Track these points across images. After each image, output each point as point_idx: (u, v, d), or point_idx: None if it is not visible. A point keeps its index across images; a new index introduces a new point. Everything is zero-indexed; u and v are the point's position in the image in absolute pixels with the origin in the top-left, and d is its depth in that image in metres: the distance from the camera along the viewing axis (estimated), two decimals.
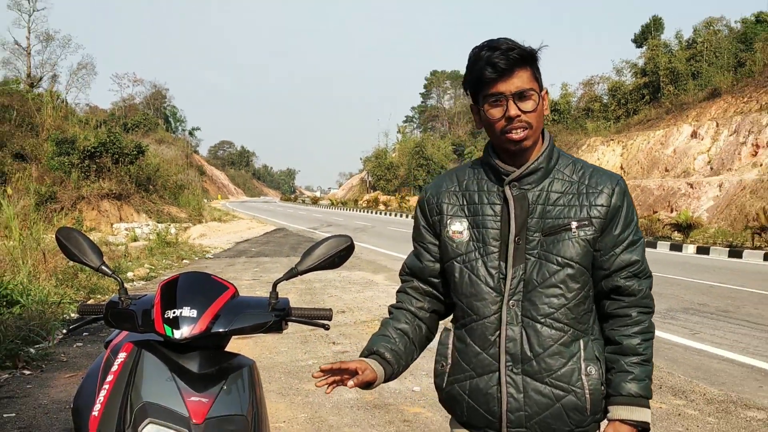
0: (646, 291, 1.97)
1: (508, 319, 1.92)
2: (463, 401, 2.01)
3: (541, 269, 1.91)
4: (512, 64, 1.89)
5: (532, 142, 1.95)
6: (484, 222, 1.98)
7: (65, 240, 2.28)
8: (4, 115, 34.65)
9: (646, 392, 1.92)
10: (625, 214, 1.96)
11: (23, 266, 10.06)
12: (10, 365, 6.44)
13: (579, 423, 1.92)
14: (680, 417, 5.33)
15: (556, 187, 1.97)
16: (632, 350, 1.93)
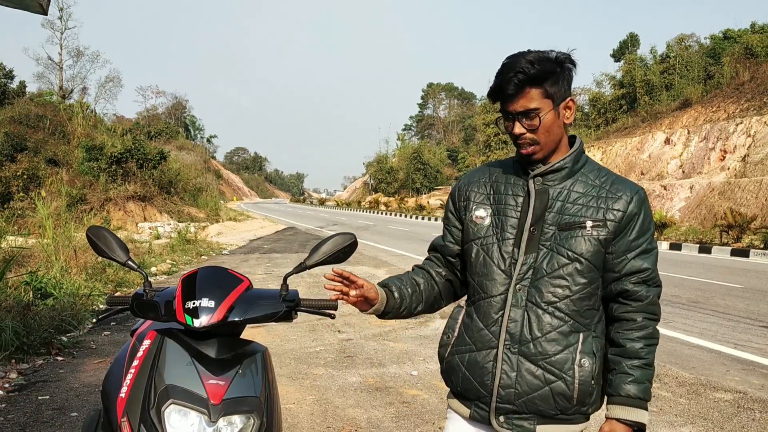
0: (653, 298, 1.92)
1: (513, 302, 1.91)
2: (459, 372, 2.00)
3: (551, 260, 1.90)
4: (519, 87, 1.87)
5: (543, 154, 1.94)
6: (506, 210, 1.98)
7: (95, 237, 2.29)
8: (38, 124, 34.65)
9: (645, 395, 1.88)
10: (641, 222, 1.91)
11: (56, 262, 10.07)
12: (45, 352, 6.44)
13: (564, 410, 1.90)
14: (654, 398, 5.33)
15: (578, 188, 1.95)
16: (635, 353, 1.88)
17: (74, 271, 10.31)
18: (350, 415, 4.87)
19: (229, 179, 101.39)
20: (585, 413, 1.93)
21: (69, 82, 50.18)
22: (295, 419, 4.75)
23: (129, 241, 18.45)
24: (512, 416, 1.92)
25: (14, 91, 40.81)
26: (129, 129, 44.66)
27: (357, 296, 1.98)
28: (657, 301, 1.94)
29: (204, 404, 1.94)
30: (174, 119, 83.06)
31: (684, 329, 7.97)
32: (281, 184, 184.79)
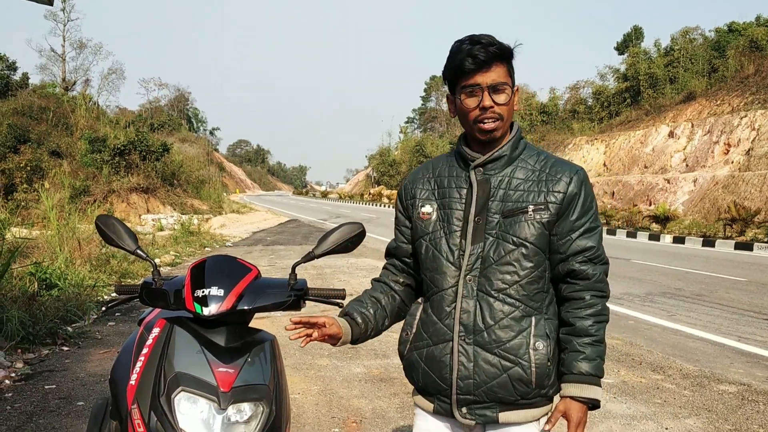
0: (600, 276, 1.92)
1: (464, 293, 1.92)
2: (419, 368, 2.01)
3: (498, 248, 1.91)
4: (491, 58, 1.88)
5: (501, 133, 1.95)
6: (451, 204, 1.99)
7: (104, 226, 2.29)
8: (41, 116, 34.66)
9: (597, 371, 1.88)
10: (582, 202, 1.93)
11: (60, 253, 10.08)
12: (50, 342, 6.47)
13: (524, 394, 1.90)
14: (658, 390, 5.34)
15: (519, 175, 1.96)
16: (584, 331, 1.89)
17: (78, 262, 10.34)
18: (355, 405, 4.88)
19: (232, 171, 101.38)
20: (546, 395, 1.94)
21: (72, 74, 50.21)
22: (300, 409, 4.77)
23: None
24: (474, 406, 1.93)
25: (17, 82, 40.83)
26: (132, 121, 44.67)
27: (320, 336, 1.99)
28: (604, 278, 1.95)
29: (214, 392, 1.94)
30: (177, 111, 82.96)
31: (688, 322, 7.97)
32: (284, 176, 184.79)
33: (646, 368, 5.96)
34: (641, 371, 5.86)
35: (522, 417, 1.92)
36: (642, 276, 12.06)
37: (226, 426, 1.93)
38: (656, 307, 8.91)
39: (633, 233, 23.60)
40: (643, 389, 5.35)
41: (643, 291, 10.28)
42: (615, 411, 4.83)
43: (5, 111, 33.87)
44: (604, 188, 34.70)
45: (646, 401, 5.05)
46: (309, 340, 1.98)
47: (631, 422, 4.61)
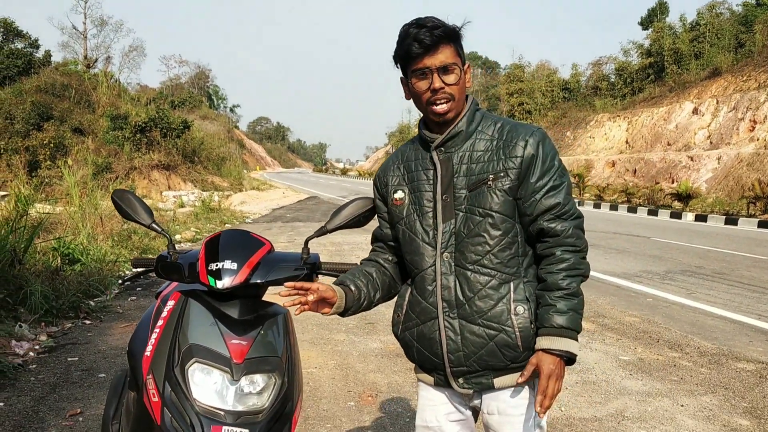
0: (569, 231, 1.94)
1: (442, 270, 1.97)
2: (413, 346, 2.08)
3: (467, 222, 1.95)
4: (437, 40, 1.91)
5: (455, 113, 1.99)
6: (420, 186, 2.04)
7: (120, 200, 2.32)
8: (64, 93, 34.94)
9: (571, 324, 1.89)
10: (541, 162, 1.94)
11: (83, 229, 10.22)
12: (73, 316, 6.59)
13: (514, 359, 1.95)
14: (675, 367, 5.32)
15: (479, 147, 1.99)
16: (555, 285, 1.91)
17: (101, 237, 10.47)
18: (371, 379, 4.93)
19: (252, 149, 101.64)
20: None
21: (93, 52, 50.39)
22: (317, 383, 4.82)
23: (154, 209, 18.67)
24: (469, 376, 2.00)
25: (40, 60, 41.10)
26: (153, 98, 44.88)
27: (315, 299, 1.98)
28: (576, 232, 1.95)
29: (227, 363, 1.97)
30: (197, 89, 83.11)
31: (707, 300, 7.91)
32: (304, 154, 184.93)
33: (664, 346, 5.94)
34: (658, 349, 5.84)
35: (516, 380, 1.97)
36: (662, 254, 11.96)
37: (239, 397, 1.97)
38: (675, 285, 8.85)
39: (654, 211, 23.38)
40: (659, 366, 5.34)
41: (662, 269, 10.21)
42: (630, 388, 4.83)
43: (28, 89, 34.20)
44: (626, 165, 34.33)
45: (663, 378, 5.05)
46: (303, 309, 1.97)
47: (646, 399, 4.61)
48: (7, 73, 38.07)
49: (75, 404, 4.30)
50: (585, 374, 5.11)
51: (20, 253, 6.64)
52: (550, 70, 53.74)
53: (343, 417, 4.20)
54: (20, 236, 6.98)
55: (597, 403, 4.51)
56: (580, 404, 4.49)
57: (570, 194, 1.99)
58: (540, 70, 54.15)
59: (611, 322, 6.76)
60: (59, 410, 4.19)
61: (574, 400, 4.56)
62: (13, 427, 3.91)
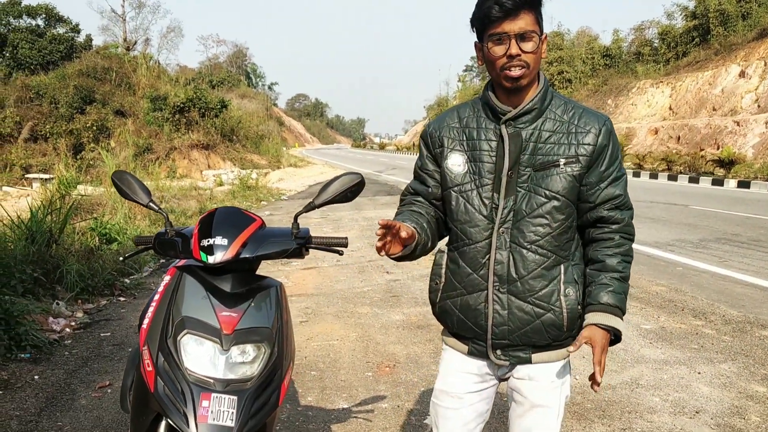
0: (627, 220, 2.01)
1: (497, 245, 1.99)
2: (454, 315, 2.10)
3: (530, 201, 1.96)
4: (518, 5, 1.87)
5: (528, 81, 1.95)
6: (481, 156, 2.02)
7: (119, 181, 2.43)
8: (105, 76, 35.65)
9: (621, 304, 1.96)
10: (610, 153, 1.98)
11: (120, 209, 10.54)
12: (109, 293, 6.84)
13: (556, 337, 2.01)
14: (697, 336, 5.30)
15: (548, 127, 1.99)
16: (612, 267, 1.97)
17: (138, 217, 10.78)
18: (390, 351, 5.03)
19: (291, 126, 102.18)
20: (575, 336, 2.03)
21: (132, 34, 51.22)
22: (337, 354, 4.95)
23: (193, 188, 19.04)
24: (508, 349, 2.05)
25: (81, 44, 41.96)
26: (192, 78, 45.44)
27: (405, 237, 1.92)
28: (630, 222, 2.03)
29: (217, 334, 2.08)
30: (235, 68, 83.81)
31: (739, 268, 7.79)
32: (342, 129, 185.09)
33: (688, 314, 5.90)
34: (682, 317, 5.81)
35: (553, 357, 2.05)
36: (698, 222, 11.77)
37: (231, 366, 2.08)
38: (708, 254, 8.72)
39: (695, 179, 22.91)
40: (681, 335, 5.32)
41: (696, 237, 10.06)
42: (648, 356, 4.84)
43: (71, 73, 34.98)
44: (669, 133, 33.56)
45: (683, 347, 5.04)
46: (386, 251, 1.92)
47: (662, 367, 4.62)
48: (50, 59, 38.99)
49: (105, 377, 4.51)
50: None
51: (56, 233, 6.90)
52: (591, 36, 52.57)
53: (359, 387, 4.32)
54: (57, 218, 7.25)
55: (612, 372, 4.54)
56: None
57: (627, 186, 2.05)
58: (580, 37, 53.04)
59: (637, 292, 6.73)
60: (90, 383, 4.41)
61: (590, 368, 4.57)
62: (47, 398, 4.14)
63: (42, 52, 39.05)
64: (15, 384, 4.33)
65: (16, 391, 4.23)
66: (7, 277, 5.61)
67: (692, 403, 4.01)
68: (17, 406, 3.99)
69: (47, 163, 29.51)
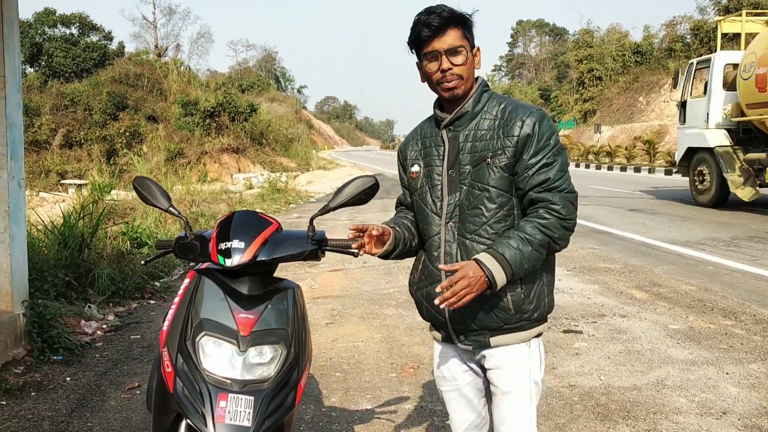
0: (557, 198, 2.05)
1: (447, 238, 2.18)
2: (423, 305, 2.30)
3: (468, 195, 2.15)
4: (444, 24, 2.09)
5: (464, 90, 2.15)
6: (432, 161, 2.25)
7: (140, 187, 2.49)
8: (137, 83, 36.27)
9: (511, 259, 2.00)
10: (536, 141, 2.08)
11: (151, 213, 10.72)
12: (139, 296, 6.97)
13: (506, 320, 2.13)
14: (726, 336, 5.22)
15: (483, 126, 2.16)
16: (521, 228, 2.06)
17: (169, 221, 10.96)
18: (414, 352, 5.05)
19: (320, 129, 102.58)
20: (529, 319, 2.15)
21: (163, 40, 52.06)
22: (361, 356, 4.98)
23: (223, 192, 19.26)
24: (468, 334, 2.20)
25: (114, 52, 42.75)
26: (222, 83, 45.95)
27: (377, 235, 2.20)
28: (565, 203, 2.06)
29: (234, 335, 2.13)
30: (265, 71, 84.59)
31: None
32: (371, 131, 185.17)
33: (717, 314, 5.81)
34: (711, 317, 5.72)
35: (511, 339, 2.17)
36: (731, 220, 11.56)
37: (248, 367, 2.12)
38: (740, 252, 8.57)
39: None
40: (710, 335, 5.25)
41: (729, 235, 9.89)
42: (675, 356, 4.78)
43: (104, 80, 35.69)
44: None
45: (711, 347, 4.97)
46: (365, 251, 2.20)
47: (690, 367, 4.56)
48: (84, 66, 39.79)
49: (134, 378, 4.60)
50: (630, 343, 5.08)
51: (88, 238, 7.04)
52: (621, 33, 51.95)
53: (383, 388, 4.35)
54: (89, 223, 7.40)
55: (638, 372, 4.50)
56: (621, 373, 4.48)
57: (563, 171, 2.11)
58: (610, 35, 52.43)
59: (665, 291, 6.65)
60: (119, 384, 4.50)
61: (615, 369, 4.55)
62: (78, 399, 4.24)
63: (76, 60, 39.88)
64: (47, 386, 4.44)
65: (49, 392, 4.34)
66: (40, 281, 5.74)
67: (719, 404, 3.95)
68: (49, 407, 4.09)
69: (82, 168, 30.14)
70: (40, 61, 40.60)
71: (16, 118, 4.97)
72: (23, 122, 5.12)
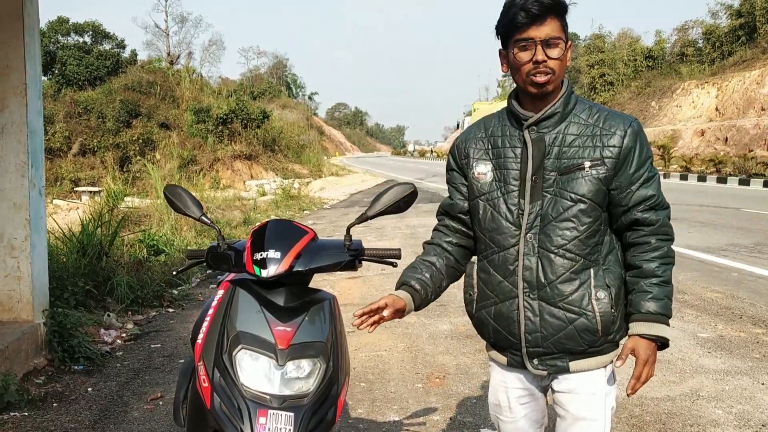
0: (663, 220, 1.96)
1: (525, 251, 1.97)
2: (489, 325, 2.09)
3: (556, 205, 1.95)
4: (545, 11, 1.88)
5: (553, 87, 1.95)
6: (506, 164, 2.03)
7: (171, 195, 2.42)
8: (150, 90, 36.35)
9: (665, 310, 1.92)
10: (638, 154, 1.94)
11: (167, 221, 10.68)
12: (157, 304, 6.91)
13: (591, 343, 1.97)
14: (758, 344, 5.10)
15: (572, 130, 1.97)
16: (651, 272, 1.93)
17: (184, 228, 10.90)
18: (439, 361, 4.96)
19: (331, 135, 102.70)
20: (613, 341, 2.01)
21: (176, 48, 52.23)
22: (385, 366, 4.89)
23: (236, 198, 19.22)
24: (544, 358, 2.01)
25: (127, 60, 42.85)
26: (234, 90, 46.02)
27: (390, 315, 2.07)
28: (667, 222, 1.98)
29: (272, 349, 2.04)
30: (276, 78, 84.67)
31: None
32: (382, 137, 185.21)
33: (747, 322, 5.69)
34: (741, 325, 5.60)
35: (592, 364, 2.00)
36: (752, 225, 11.41)
37: (286, 381, 2.04)
38: (765, 258, 8.43)
39: (746, 181, 22.26)
40: (741, 344, 5.13)
41: (751, 241, 9.74)
42: (708, 366, 4.67)
43: (117, 88, 35.77)
44: (716, 134, 32.77)
45: (743, 356, 4.85)
46: (377, 326, 2.06)
47: (724, 378, 4.45)
48: (97, 74, 39.91)
49: (156, 389, 4.53)
50: (660, 353, 4.95)
51: (106, 246, 7.00)
52: (632, 38, 51.72)
53: (410, 399, 4.26)
54: (107, 230, 7.36)
55: (671, 383, 4.38)
56: (652, 383, 4.35)
57: (660, 185, 2.01)
58: (621, 39, 52.20)
59: (691, 299, 6.52)
60: (142, 394, 4.43)
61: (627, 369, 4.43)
62: (100, 410, 4.17)
63: (89, 68, 40.01)
64: (69, 396, 4.38)
65: (71, 403, 4.27)
66: (60, 289, 5.69)
67: (758, 416, 3.84)
68: (72, 419, 4.03)
69: (95, 176, 30.21)
70: (54, 70, 40.76)
71: (37, 126, 4.93)
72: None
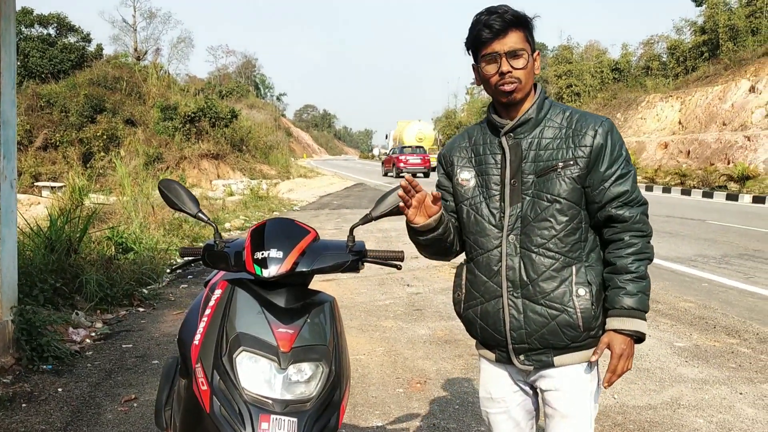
0: (637, 216, 2.02)
1: (508, 251, 2.07)
2: (476, 323, 2.17)
3: (534, 206, 2.04)
4: (506, 25, 2.00)
5: (522, 95, 2.06)
6: (487, 170, 2.13)
7: (166, 190, 2.33)
8: (115, 86, 35.72)
9: (640, 305, 1.99)
10: (609, 152, 2.01)
11: (135, 218, 10.45)
12: (127, 303, 6.74)
13: (574, 338, 2.04)
14: (733, 354, 5.16)
15: (547, 134, 2.07)
16: (625, 269, 2.00)
17: (153, 226, 10.69)
18: (419, 366, 4.91)
19: (299, 137, 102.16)
20: (596, 336, 2.06)
21: (143, 44, 51.45)
22: (365, 370, 4.83)
23: (204, 198, 18.97)
24: (530, 353, 2.09)
25: (92, 54, 42.05)
26: (201, 89, 45.48)
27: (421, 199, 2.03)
28: (642, 218, 2.04)
29: (274, 352, 1.97)
30: (244, 78, 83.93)
31: (767, 284, 7.64)
32: (350, 141, 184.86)
33: (721, 332, 5.76)
34: (715, 335, 5.67)
35: (576, 359, 2.07)
36: (718, 237, 11.62)
37: (287, 385, 1.96)
38: (732, 269, 8.58)
39: (709, 193, 22.74)
40: (716, 353, 5.18)
41: (718, 253, 9.91)
42: (686, 375, 4.70)
43: (81, 82, 35.07)
44: (679, 147, 33.41)
45: (720, 366, 4.90)
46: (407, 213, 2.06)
47: (703, 386, 4.48)
48: (61, 67, 39.08)
49: (130, 390, 4.40)
50: (639, 361, 4.99)
51: (75, 242, 6.81)
52: (600, 50, 52.48)
53: (392, 404, 4.20)
54: (75, 226, 7.15)
55: (652, 391, 4.41)
56: (633, 392, 4.39)
57: (636, 182, 2.07)
58: (589, 51, 52.97)
59: (665, 308, 6.59)
60: (115, 396, 4.30)
61: (628, 387, 4.45)
62: (72, 412, 4.02)
63: (53, 61, 39.16)
64: (39, 396, 4.23)
65: (41, 404, 4.12)
66: (28, 286, 5.50)
67: (738, 425, 3.87)
68: (42, 420, 3.88)
69: (57, 171, 29.54)
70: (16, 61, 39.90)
71: (11, 116, 4.76)
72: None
